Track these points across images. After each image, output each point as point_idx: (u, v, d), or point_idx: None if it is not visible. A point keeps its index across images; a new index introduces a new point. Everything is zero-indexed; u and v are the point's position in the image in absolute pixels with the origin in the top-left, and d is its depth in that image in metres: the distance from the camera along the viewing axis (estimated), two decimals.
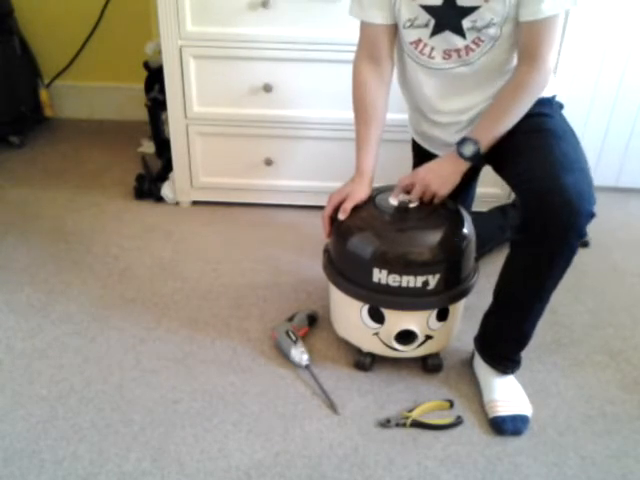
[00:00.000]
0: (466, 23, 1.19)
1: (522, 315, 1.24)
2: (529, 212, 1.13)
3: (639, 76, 2.03)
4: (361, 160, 1.34)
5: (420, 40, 1.25)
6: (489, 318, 1.31)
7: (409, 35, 1.26)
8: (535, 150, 1.18)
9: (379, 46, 1.30)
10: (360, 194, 1.32)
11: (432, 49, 1.25)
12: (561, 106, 1.36)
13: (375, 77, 1.33)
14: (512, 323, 1.26)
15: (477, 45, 1.22)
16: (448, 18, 1.20)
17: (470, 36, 1.21)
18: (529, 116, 1.24)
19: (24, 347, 1.43)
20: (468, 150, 1.23)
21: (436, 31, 1.22)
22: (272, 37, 1.79)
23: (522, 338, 1.28)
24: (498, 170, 1.32)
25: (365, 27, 1.30)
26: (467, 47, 1.22)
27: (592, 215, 1.09)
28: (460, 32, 1.20)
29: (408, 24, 1.24)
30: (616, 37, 1.97)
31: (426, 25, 1.22)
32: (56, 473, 1.13)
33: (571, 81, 2.02)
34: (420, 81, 1.32)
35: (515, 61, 1.25)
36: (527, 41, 1.18)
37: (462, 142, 1.23)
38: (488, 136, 1.23)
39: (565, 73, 1.98)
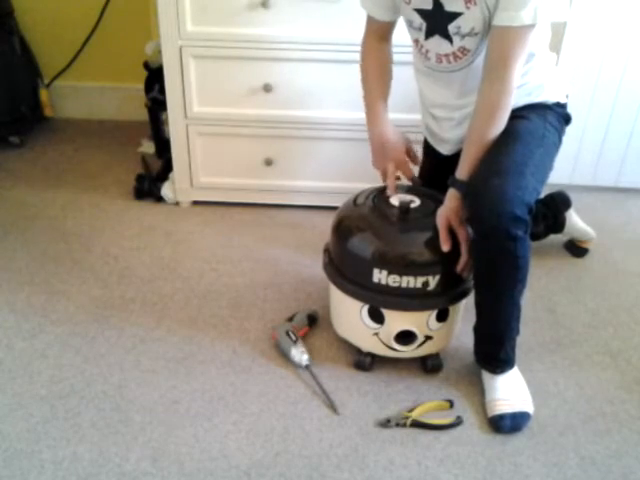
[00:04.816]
0: (451, 28, 1.22)
1: (489, 314, 1.27)
2: (468, 213, 1.19)
3: (639, 76, 2.03)
4: (367, 121, 1.43)
5: (418, 41, 1.31)
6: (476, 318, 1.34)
7: (410, 34, 1.33)
8: (486, 152, 1.20)
9: (381, 31, 1.39)
10: (376, 141, 1.42)
11: (427, 51, 1.31)
12: (566, 118, 1.36)
13: (376, 50, 1.41)
14: (484, 322, 1.30)
15: (463, 54, 1.25)
16: (437, 22, 1.24)
17: (456, 42, 1.24)
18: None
19: (24, 347, 1.43)
20: (460, 190, 1.23)
21: (428, 35, 1.27)
22: (272, 37, 1.79)
23: (498, 338, 1.29)
24: None
25: (370, 17, 1.38)
26: (454, 54, 1.26)
27: (516, 218, 1.10)
28: (447, 37, 1.24)
29: (408, 24, 1.31)
30: (616, 37, 1.97)
31: (420, 28, 1.28)
32: (56, 473, 1.13)
33: (571, 81, 2.02)
34: (418, 71, 1.41)
35: None
36: (496, 51, 1.17)
37: (453, 183, 1.24)
38: (472, 170, 1.23)
39: (565, 73, 1.98)
